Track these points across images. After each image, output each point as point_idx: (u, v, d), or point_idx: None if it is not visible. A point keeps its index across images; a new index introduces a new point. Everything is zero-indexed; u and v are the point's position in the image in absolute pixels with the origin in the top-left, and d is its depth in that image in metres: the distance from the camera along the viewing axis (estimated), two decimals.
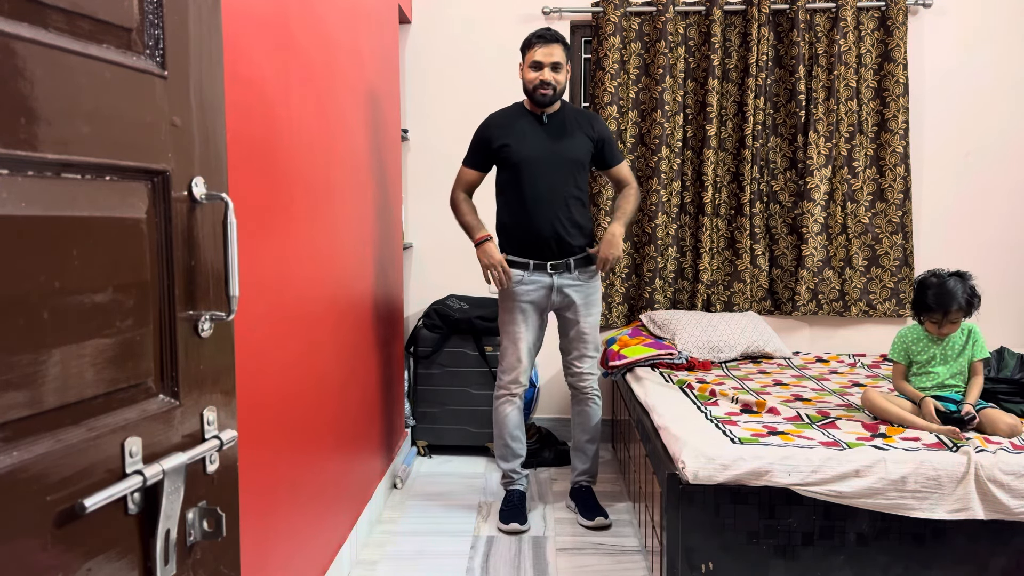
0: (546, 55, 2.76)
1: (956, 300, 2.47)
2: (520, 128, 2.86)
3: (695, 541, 2.19)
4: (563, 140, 2.85)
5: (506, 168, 2.88)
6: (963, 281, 2.52)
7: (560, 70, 2.79)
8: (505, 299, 2.93)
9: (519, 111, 2.91)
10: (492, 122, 2.92)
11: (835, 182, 3.76)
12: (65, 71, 0.77)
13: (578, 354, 2.98)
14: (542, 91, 2.78)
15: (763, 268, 3.83)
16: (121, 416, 0.87)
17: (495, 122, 2.91)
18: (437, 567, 2.61)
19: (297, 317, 2.05)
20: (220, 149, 1.03)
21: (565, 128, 2.87)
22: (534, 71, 2.78)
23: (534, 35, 2.80)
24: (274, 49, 1.85)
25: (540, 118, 2.87)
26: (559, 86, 2.80)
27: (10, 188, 0.71)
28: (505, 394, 2.97)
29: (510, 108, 2.95)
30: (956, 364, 2.54)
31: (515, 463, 3.04)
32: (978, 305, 2.52)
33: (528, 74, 2.80)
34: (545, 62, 2.76)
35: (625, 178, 3.00)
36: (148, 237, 0.90)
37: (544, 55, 2.76)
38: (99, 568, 0.83)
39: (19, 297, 0.72)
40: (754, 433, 2.33)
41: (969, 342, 2.54)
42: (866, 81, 3.74)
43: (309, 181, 2.13)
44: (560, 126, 2.87)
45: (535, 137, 2.85)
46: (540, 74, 2.77)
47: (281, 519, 1.93)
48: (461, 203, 2.95)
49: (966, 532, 2.16)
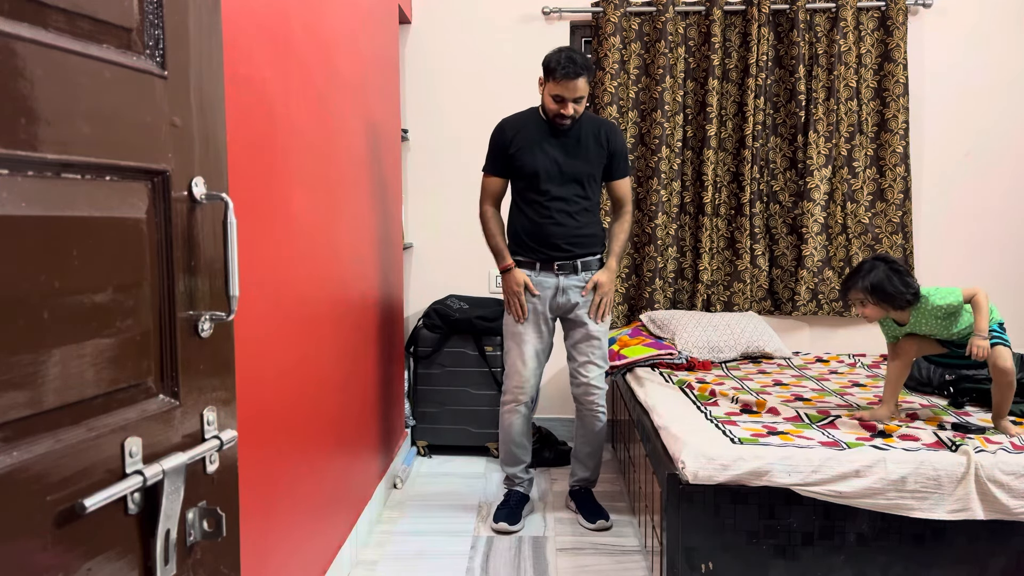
0: (570, 91, 2.67)
1: (854, 283, 2.38)
2: (534, 137, 2.82)
3: (695, 541, 2.19)
4: (576, 152, 2.82)
5: (519, 178, 2.86)
6: (883, 268, 2.36)
7: (581, 102, 2.73)
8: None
9: (534, 117, 2.86)
10: (506, 126, 2.88)
11: (835, 182, 3.76)
12: (65, 71, 0.77)
13: (585, 360, 2.91)
14: (560, 121, 2.75)
15: (763, 268, 3.83)
16: (121, 416, 0.87)
17: (509, 126, 2.87)
18: (437, 567, 2.61)
19: (297, 317, 2.05)
20: (220, 149, 1.03)
21: (580, 140, 2.83)
22: (555, 102, 2.71)
23: (560, 65, 2.64)
24: (274, 49, 1.85)
25: (555, 128, 2.83)
26: (579, 114, 2.76)
27: (10, 188, 0.71)
28: (511, 401, 2.93)
29: (525, 113, 2.91)
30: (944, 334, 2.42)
31: (518, 468, 3.03)
32: (901, 297, 2.35)
33: (549, 103, 2.74)
34: (568, 97, 2.69)
35: (623, 196, 2.96)
36: (148, 237, 0.90)
37: (568, 91, 2.67)
38: (99, 568, 0.83)
39: (19, 297, 0.72)
40: (754, 433, 2.33)
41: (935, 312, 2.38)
42: (866, 81, 3.74)
43: (309, 181, 2.13)
44: (575, 138, 2.83)
45: (548, 148, 2.81)
46: (562, 107, 2.71)
47: (281, 519, 1.93)
48: (489, 221, 2.90)
49: (966, 532, 2.16)
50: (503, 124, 2.90)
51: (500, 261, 2.90)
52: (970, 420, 2.48)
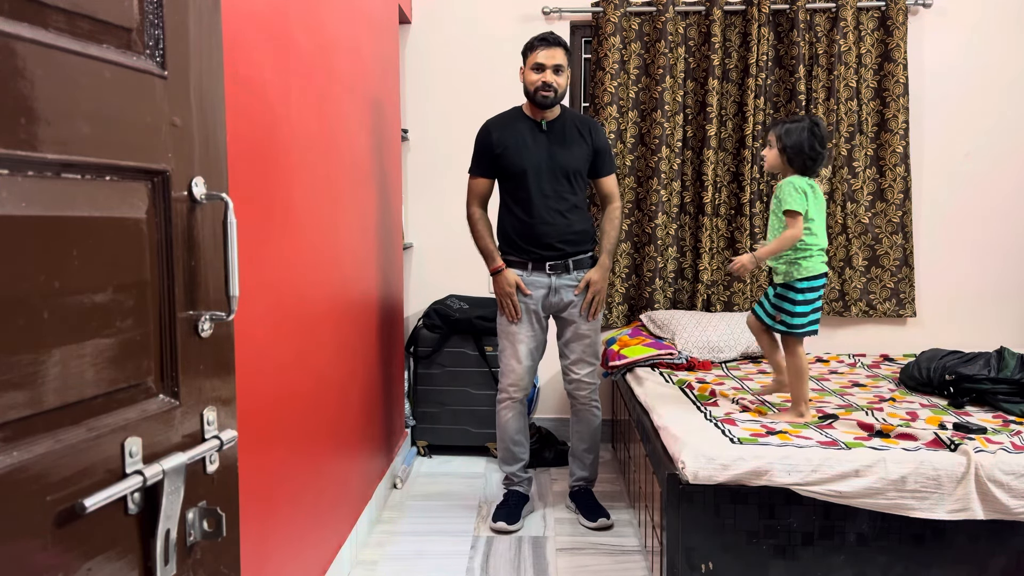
0: (549, 57, 2.75)
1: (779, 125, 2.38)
2: (519, 135, 2.84)
3: (695, 541, 2.19)
4: (562, 149, 2.84)
5: (506, 177, 2.88)
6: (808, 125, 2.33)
7: (561, 73, 2.78)
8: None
9: (518, 116, 2.90)
10: (491, 126, 2.90)
11: (835, 182, 3.76)
12: (65, 71, 0.77)
13: (576, 358, 2.95)
14: (543, 93, 2.77)
15: (763, 268, 3.83)
16: (121, 416, 0.87)
17: (494, 126, 2.89)
18: (437, 567, 2.61)
19: (297, 317, 2.05)
20: (220, 149, 1.03)
21: (564, 136, 2.86)
22: (536, 73, 2.77)
23: (536, 38, 2.80)
24: (274, 49, 1.85)
25: (539, 125, 2.86)
26: (560, 89, 2.79)
27: (10, 188, 0.71)
28: (506, 399, 2.95)
29: (508, 113, 2.94)
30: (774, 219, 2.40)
31: (516, 466, 3.03)
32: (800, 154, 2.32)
33: (530, 76, 2.79)
34: (547, 64, 2.75)
35: (610, 192, 2.98)
36: (148, 237, 0.90)
37: (547, 57, 2.75)
38: (99, 568, 0.83)
39: (19, 297, 0.72)
40: (753, 433, 2.33)
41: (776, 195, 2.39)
42: (866, 81, 3.74)
43: (309, 181, 2.13)
44: (559, 134, 2.86)
45: (534, 145, 2.83)
46: (542, 76, 2.76)
47: (281, 519, 1.93)
48: (477, 223, 2.93)
49: (966, 532, 2.16)
50: (488, 125, 2.92)
51: (491, 263, 2.91)
52: (970, 420, 2.48)
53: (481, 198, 2.94)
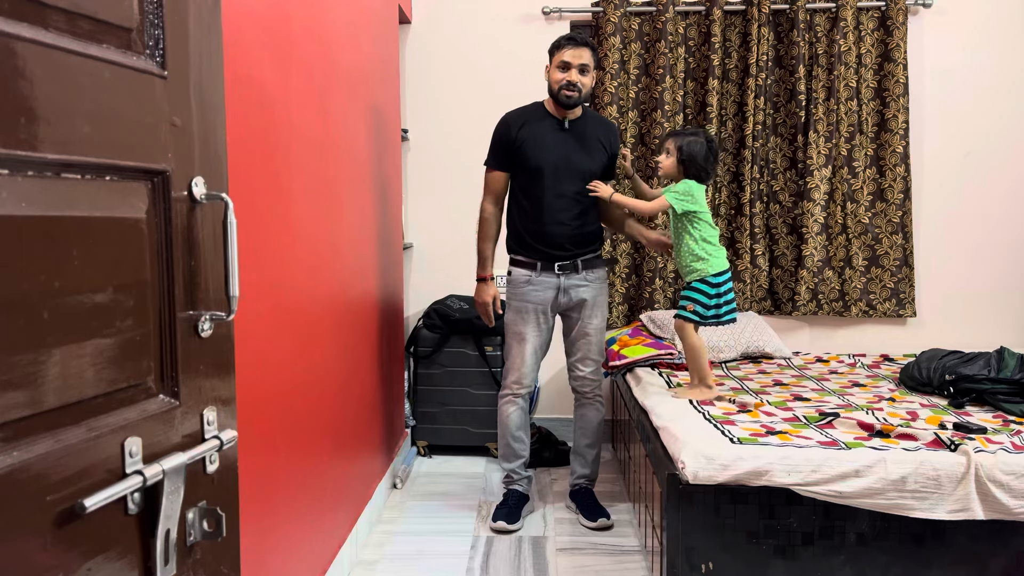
0: (575, 56, 2.74)
1: (680, 136, 2.71)
2: (539, 131, 2.83)
3: (695, 541, 2.19)
4: (582, 150, 2.84)
5: (520, 173, 2.86)
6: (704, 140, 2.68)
7: (587, 73, 2.77)
8: (512, 299, 2.93)
9: (539, 111, 2.88)
10: (511, 118, 2.88)
11: (835, 182, 3.76)
12: (65, 71, 0.77)
13: (581, 356, 2.96)
14: (567, 92, 2.76)
15: (763, 268, 3.83)
16: (121, 416, 0.87)
17: (514, 119, 2.87)
18: (437, 567, 2.61)
19: (297, 317, 2.05)
20: (220, 149, 1.03)
21: (585, 137, 2.85)
22: (561, 71, 2.76)
23: (564, 37, 2.80)
24: (274, 49, 1.85)
25: (561, 123, 2.85)
26: (584, 89, 2.78)
27: (10, 188, 0.71)
28: (509, 395, 2.96)
29: (529, 107, 2.91)
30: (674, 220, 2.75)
31: (516, 463, 3.03)
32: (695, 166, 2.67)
33: (555, 74, 2.78)
34: (573, 63, 2.74)
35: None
36: (148, 237, 0.90)
37: (573, 56, 2.74)
38: (99, 568, 0.83)
39: (19, 297, 0.72)
40: (753, 433, 2.33)
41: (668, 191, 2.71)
42: (866, 81, 3.74)
43: (309, 181, 2.13)
44: (580, 134, 2.85)
45: (554, 143, 2.82)
46: (567, 75, 2.75)
47: (281, 519, 1.93)
48: (486, 222, 2.92)
49: (966, 532, 2.16)
50: (507, 117, 2.90)
51: (480, 269, 2.92)
52: (970, 420, 2.48)
53: (496, 195, 2.92)
